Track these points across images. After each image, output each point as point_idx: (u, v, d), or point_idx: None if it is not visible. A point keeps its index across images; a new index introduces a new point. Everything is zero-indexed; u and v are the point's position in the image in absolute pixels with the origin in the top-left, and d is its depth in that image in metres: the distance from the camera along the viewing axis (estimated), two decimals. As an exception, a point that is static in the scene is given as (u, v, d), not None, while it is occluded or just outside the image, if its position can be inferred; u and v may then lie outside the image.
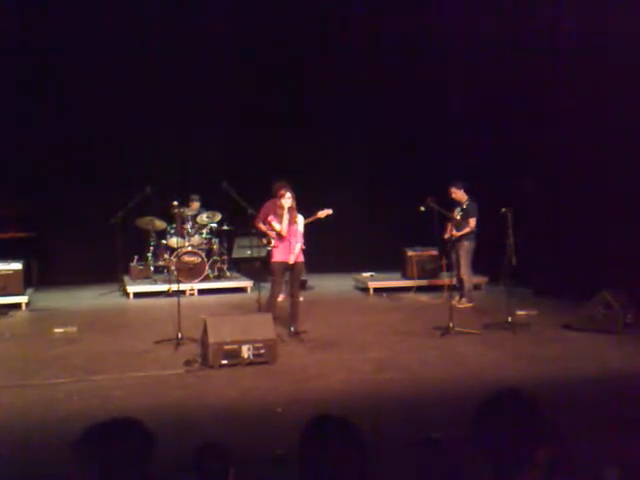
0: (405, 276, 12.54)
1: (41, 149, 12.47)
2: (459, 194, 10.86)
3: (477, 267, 11.41)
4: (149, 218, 12.16)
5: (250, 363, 7.53)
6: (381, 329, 9.48)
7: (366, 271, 12.99)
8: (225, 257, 12.93)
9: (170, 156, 12.72)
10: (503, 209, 9.26)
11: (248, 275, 12.69)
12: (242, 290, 12.38)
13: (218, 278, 12.65)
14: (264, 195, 10.50)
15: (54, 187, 12.54)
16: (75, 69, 12.50)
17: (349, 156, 13.45)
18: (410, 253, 12.48)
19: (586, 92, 10.63)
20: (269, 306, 9.11)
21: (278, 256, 9.04)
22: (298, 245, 9.02)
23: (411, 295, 11.97)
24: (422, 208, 9.82)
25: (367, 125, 13.84)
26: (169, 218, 12.15)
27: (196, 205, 12.74)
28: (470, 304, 10.90)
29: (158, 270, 12.64)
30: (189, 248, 12.26)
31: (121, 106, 12.72)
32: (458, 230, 10.75)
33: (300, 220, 9.12)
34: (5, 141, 12.28)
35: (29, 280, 11.83)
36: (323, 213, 10.28)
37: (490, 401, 2.56)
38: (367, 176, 13.80)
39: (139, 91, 12.72)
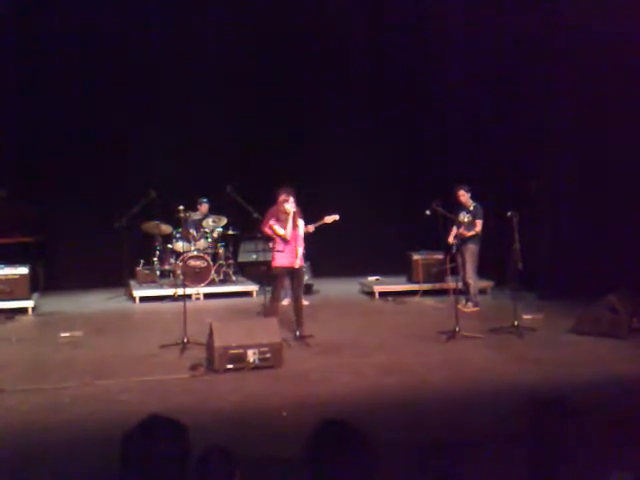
0: (410, 280, 12.51)
1: (46, 154, 12.50)
2: (466, 197, 10.83)
3: (483, 271, 11.39)
4: (155, 222, 12.18)
5: (256, 367, 7.52)
6: (386, 333, 9.47)
7: (371, 275, 12.97)
8: (231, 261, 12.94)
9: (175, 160, 12.73)
10: (509, 213, 9.25)
11: (254, 279, 12.69)
12: (248, 294, 12.37)
13: (224, 282, 12.65)
14: (269, 199, 10.49)
15: (60, 191, 12.55)
16: (78, 71, 12.53)
17: (354, 160, 13.44)
18: (416, 257, 12.46)
19: (587, 92, 10.63)
20: (272, 311, 9.12)
21: (282, 261, 9.05)
22: (300, 249, 9.04)
23: (417, 299, 11.95)
24: (428, 212, 9.81)
25: (371, 128, 13.83)
26: (175, 222, 12.16)
27: (205, 207, 12.75)
28: (476, 308, 10.88)
29: (164, 274, 12.65)
30: (195, 252, 12.28)
31: (126, 110, 12.72)
32: (469, 231, 10.72)
33: (301, 224, 9.14)
34: (10, 146, 12.33)
35: (35, 284, 11.83)
36: (330, 218, 10.29)
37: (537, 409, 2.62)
38: (372, 179, 13.79)
39: (143, 95, 12.74)
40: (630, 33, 9.89)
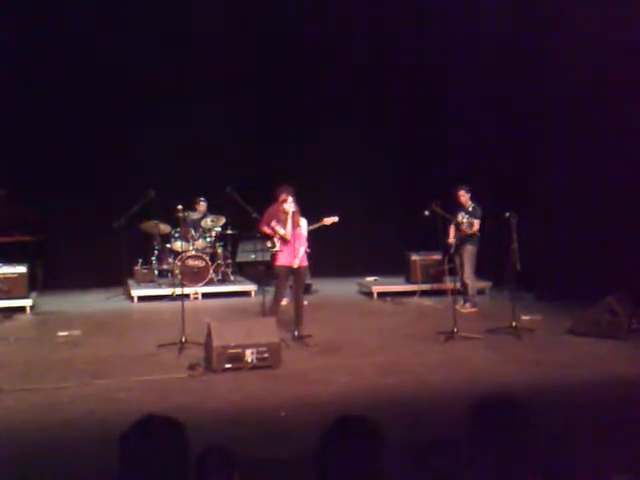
0: (409, 280, 12.51)
1: (46, 153, 12.49)
2: (466, 198, 10.82)
3: (481, 272, 11.39)
4: (154, 222, 12.17)
5: (254, 367, 7.52)
6: (385, 333, 9.46)
7: (370, 275, 12.98)
8: (229, 261, 12.94)
9: (175, 160, 12.73)
10: (507, 214, 9.25)
11: (252, 279, 12.70)
12: (246, 294, 12.36)
13: (222, 282, 12.65)
14: (268, 199, 10.50)
15: (59, 190, 12.55)
16: (78, 71, 12.51)
17: (354, 160, 13.44)
18: (414, 257, 12.46)
19: (587, 92, 10.64)
20: (273, 310, 9.13)
21: (282, 260, 9.06)
22: (302, 249, 9.04)
23: (415, 299, 11.95)
24: (426, 212, 9.81)
25: (370, 129, 13.83)
26: (173, 222, 12.14)
27: (203, 206, 12.73)
28: (474, 309, 10.89)
29: (162, 274, 12.64)
30: (193, 252, 12.28)
31: (126, 110, 12.72)
32: (469, 229, 10.72)
33: (303, 224, 9.13)
34: (9, 145, 12.32)
35: (33, 283, 11.84)
36: (329, 220, 10.31)
37: (483, 406, 2.60)
38: (371, 179, 13.79)
39: (142, 94, 12.73)
40: (630, 31, 9.88)
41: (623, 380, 7.07)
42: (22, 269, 11.24)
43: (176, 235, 12.39)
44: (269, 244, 10.02)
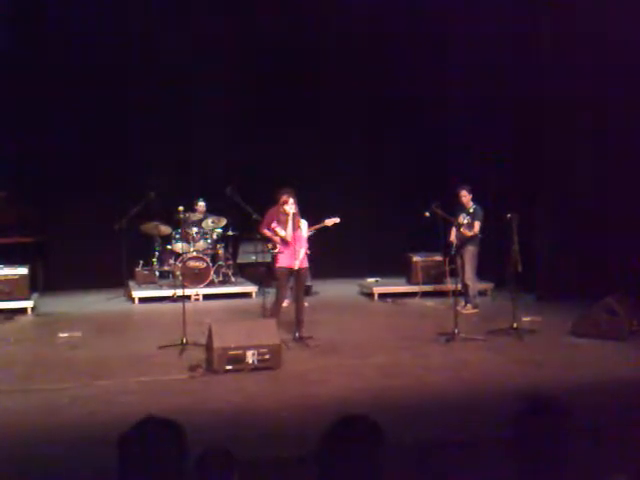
0: (410, 282, 12.50)
1: (45, 154, 12.47)
2: (467, 198, 10.80)
3: (482, 273, 11.38)
4: (154, 223, 12.17)
5: (255, 368, 7.52)
6: (385, 335, 9.46)
7: (371, 276, 12.97)
8: (230, 262, 12.93)
9: (174, 161, 12.72)
10: (508, 215, 9.24)
11: (253, 280, 12.69)
12: (247, 295, 12.34)
13: (223, 283, 12.64)
14: (269, 201, 10.50)
15: (59, 192, 12.54)
16: (78, 71, 12.51)
17: (353, 161, 13.44)
18: (415, 259, 12.45)
19: (587, 92, 10.64)
20: (274, 311, 9.14)
21: (283, 262, 9.06)
22: (302, 250, 9.05)
23: (416, 301, 11.94)
24: (427, 213, 9.80)
25: (370, 129, 13.82)
26: (174, 223, 12.14)
27: (202, 207, 12.71)
28: (475, 310, 10.87)
29: (163, 275, 12.64)
30: (194, 253, 12.27)
31: (125, 111, 12.72)
32: (469, 231, 10.71)
33: (304, 225, 9.13)
34: (9, 146, 12.31)
35: (34, 285, 11.83)
36: (330, 221, 10.29)
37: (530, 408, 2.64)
38: (371, 181, 13.78)
39: (143, 95, 12.72)
40: (631, 30, 9.88)
41: (623, 381, 7.07)
42: (23, 270, 11.23)
43: (177, 236, 12.39)
44: (270, 246, 10.03)
